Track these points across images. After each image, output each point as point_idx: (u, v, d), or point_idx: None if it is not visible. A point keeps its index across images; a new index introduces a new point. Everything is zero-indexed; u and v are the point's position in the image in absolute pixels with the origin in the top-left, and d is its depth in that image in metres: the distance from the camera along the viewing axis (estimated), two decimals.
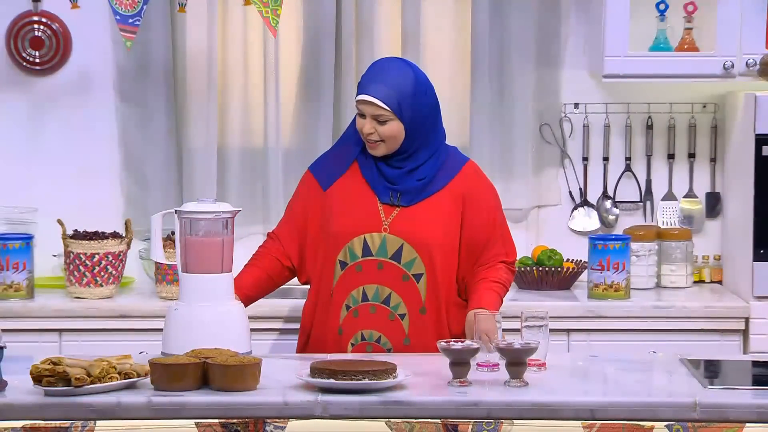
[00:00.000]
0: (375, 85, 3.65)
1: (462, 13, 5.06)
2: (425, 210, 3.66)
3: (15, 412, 3.06)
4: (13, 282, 4.64)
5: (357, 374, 3.11)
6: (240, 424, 3.06)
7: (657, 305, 4.63)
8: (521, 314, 3.44)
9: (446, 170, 3.73)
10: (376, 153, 3.67)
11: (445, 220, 3.68)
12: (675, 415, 3.09)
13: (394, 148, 3.67)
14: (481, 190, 3.76)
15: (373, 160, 3.70)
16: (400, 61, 3.81)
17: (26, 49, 4.98)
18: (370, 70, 3.74)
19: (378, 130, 3.64)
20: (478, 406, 3.09)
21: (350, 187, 3.69)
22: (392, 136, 3.65)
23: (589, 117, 5.10)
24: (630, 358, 3.76)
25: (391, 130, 3.64)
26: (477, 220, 3.69)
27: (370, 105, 3.64)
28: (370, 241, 3.64)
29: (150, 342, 4.42)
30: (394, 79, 3.68)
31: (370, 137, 3.64)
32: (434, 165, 3.71)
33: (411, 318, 3.65)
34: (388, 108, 3.63)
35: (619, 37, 4.77)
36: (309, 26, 5.02)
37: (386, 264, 3.64)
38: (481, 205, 3.73)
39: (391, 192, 3.67)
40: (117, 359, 3.19)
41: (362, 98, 3.64)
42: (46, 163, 5.01)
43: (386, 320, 3.64)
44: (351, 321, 3.62)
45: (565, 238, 5.06)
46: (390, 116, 3.63)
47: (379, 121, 3.64)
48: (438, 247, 3.65)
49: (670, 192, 5.11)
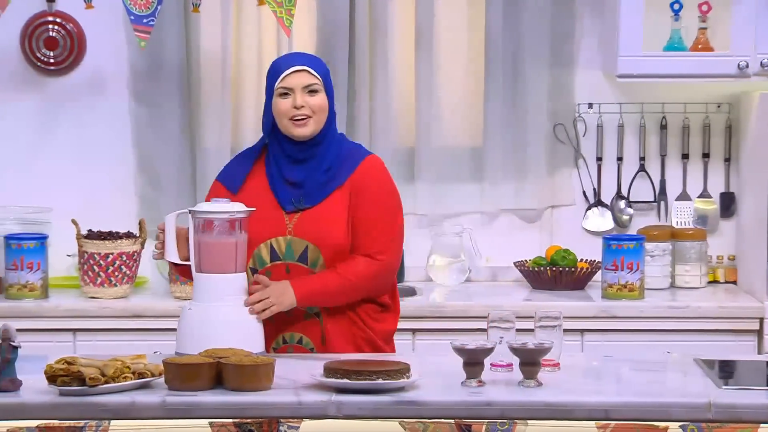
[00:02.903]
0: (299, 59, 3.69)
1: (476, 12, 5.05)
2: (326, 209, 3.66)
3: (30, 412, 3.07)
4: (28, 282, 4.65)
5: (371, 374, 3.11)
6: (254, 424, 3.07)
7: (671, 305, 4.63)
8: (535, 314, 3.44)
9: (347, 164, 3.69)
10: (304, 131, 3.64)
11: (344, 216, 3.66)
12: (689, 415, 3.08)
13: (321, 124, 3.66)
14: (369, 183, 3.69)
15: (276, 167, 3.68)
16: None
17: (41, 49, 5.00)
18: (286, 55, 3.80)
19: (308, 103, 3.63)
20: (491, 406, 3.09)
21: (256, 192, 3.66)
22: (322, 109, 3.65)
23: (603, 117, 5.09)
24: (644, 358, 3.76)
25: (321, 101, 3.65)
26: (359, 212, 3.65)
27: (301, 74, 3.63)
28: (276, 245, 3.65)
29: (164, 342, 4.43)
30: (313, 57, 3.77)
31: (301, 112, 3.63)
32: (338, 154, 3.69)
33: (324, 316, 3.65)
34: (319, 76, 3.65)
35: (633, 36, 4.76)
36: (323, 26, 5.02)
37: (293, 267, 3.65)
38: (365, 198, 3.67)
39: (293, 199, 3.65)
40: (131, 359, 3.20)
41: (294, 69, 3.63)
42: (60, 163, 5.02)
43: (303, 320, 3.64)
44: (269, 326, 3.60)
45: (579, 238, 5.05)
46: (320, 86, 3.65)
47: (309, 92, 3.64)
48: (339, 245, 3.64)
49: (685, 192, 5.10)
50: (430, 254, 5.03)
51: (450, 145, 5.09)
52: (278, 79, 3.64)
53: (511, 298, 4.77)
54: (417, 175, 5.07)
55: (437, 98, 5.05)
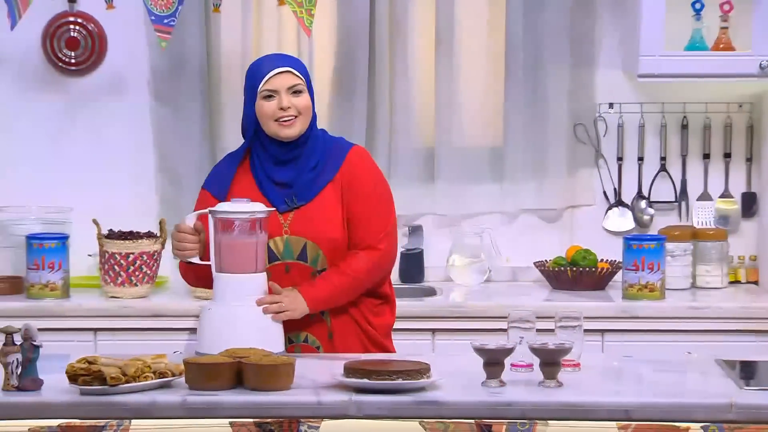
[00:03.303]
0: (281, 60, 3.70)
1: (496, 12, 5.05)
2: (320, 205, 3.66)
3: (51, 411, 3.08)
4: (49, 281, 4.66)
5: (391, 374, 3.11)
6: (274, 423, 3.07)
7: (692, 306, 4.61)
8: (555, 314, 3.43)
9: (334, 158, 3.70)
10: (291, 132, 3.64)
11: (338, 210, 3.67)
12: (711, 415, 3.07)
13: (307, 124, 3.67)
14: (359, 175, 3.70)
15: (262, 169, 3.68)
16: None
17: (62, 50, 5.01)
18: (265, 57, 3.79)
19: (294, 104, 3.64)
20: (512, 406, 3.09)
21: (244, 196, 3.65)
22: (307, 109, 3.66)
23: (623, 117, 5.08)
24: (665, 358, 3.75)
25: (306, 101, 3.66)
26: (354, 205, 3.67)
27: (285, 75, 3.64)
28: (273, 246, 3.65)
29: (184, 341, 4.45)
30: (292, 57, 3.79)
31: (287, 113, 3.64)
32: (323, 150, 3.70)
33: (331, 313, 3.66)
34: (302, 76, 3.67)
35: (654, 36, 4.75)
36: (343, 26, 5.03)
37: (293, 265, 3.65)
38: (358, 190, 3.69)
39: (285, 198, 3.66)
40: (152, 358, 3.20)
41: (278, 70, 3.64)
42: (81, 163, 5.04)
43: (307, 319, 3.65)
44: None
45: (600, 239, 5.04)
46: (303, 86, 3.66)
47: (294, 93, 3.64)
48: (337, 240, 3.65)
49: (706, 192, 5.09)
50: (450, 254, 5.03)
51: (470, 145, 5.09)
52: (261, 81, 3.65)
53: (532, 298, 4.76)
54: (437, 175, 5.07)
55: (457, 98, 5.05)
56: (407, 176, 5.06)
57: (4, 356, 3.12)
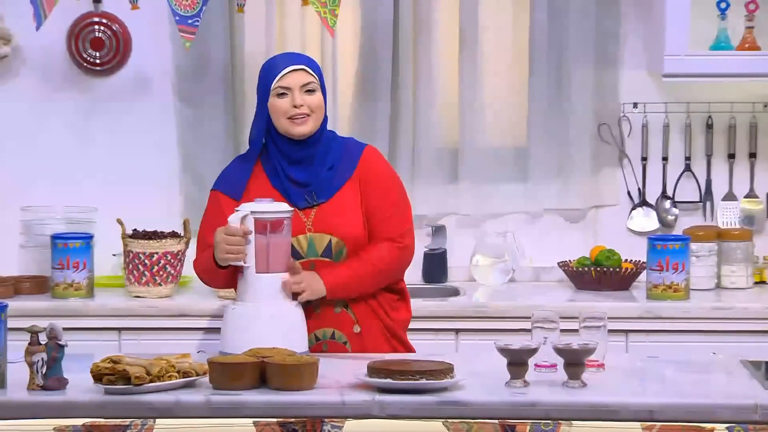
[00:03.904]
0: (296, 59, 3.72)
1: (520, 11, 5.04)
2: (341, 202, 3.68)
3: (76, 410, 3.09)
4: (74, 281, 4.68)
5: (414, 374, 3.11)
6: (298, 423, 3.07)
7: (717, 306, 4.59)
8: (579, 315, 3.43)
9: (349, 158, 3.73)
10: (303, 129, 3.66)
11: (358, 208, 3.69)
12: (735, 416, 3.06)
13: (319, 123, 3.68)
14: (376, 173, 3.74)
15: (278, 168, 3.69)
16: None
17: (87, 50, 5.03)
18: (278, 55, 3.82)
19: (307, 102, 3.65)
20: (535, 406, 3.08)
21: (261, 195, 3.66)
22: (320, 107, 3.68)
23: (648, 116, 5.06)
24: (689, 359, 3.73)
25: (319, 99, 3.67)
26: (373, 201, 3.70)
27: (299, 73, 3.66)
28: (296, 244, 3.66)
29: (208, 341, 4.45)
30: (306, 56, 3.80)
31: (300, 111, 3.64)
32: (337, 151, 3.71)
33: (354, 307, 3.67)
34: (316, 75, 3.68)
35: (679, 36, 4.73)
36: (366, 26, 5.03)
37: (319, 262, 3.66)
38: (376, 187, 3.72)
39: (305, 196, 3.67)
40: (176, 358, 3.21)
41: (292, 68, 3.66)
42: (105, 163, 5.05)
43: (333, 315, 3.66)
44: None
45: (624, 239, 5.03)
46: (317, 84, 3.68)
47: (307, 91, 3.66)
48: (359, 236, 3.67)
49: (731, 192, 5.07)
50: (473, 254, 5.02)
51: (493, 144, 5.08)
52: (275, 78, 3.66)
53: (555, 298, 4.75)
54: (460, 175, 5.06)
55: (481, 98, 5.04)
56: (431, 176, 5.05)
57: (29, 356, 3.14)
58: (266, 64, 3.75)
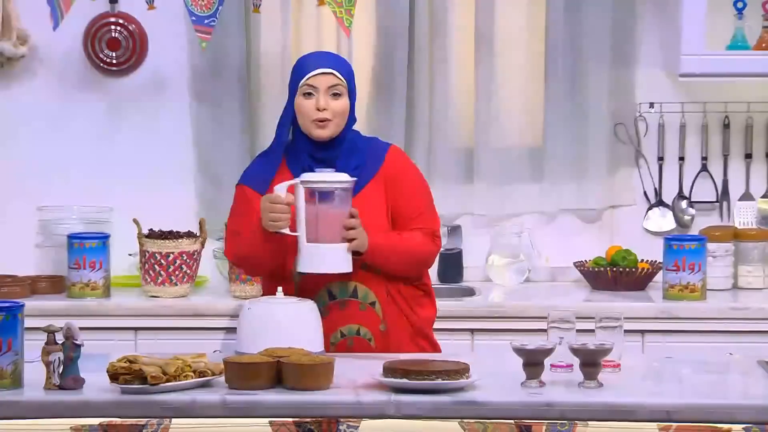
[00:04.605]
0: (326, 60, 3.72)
1: (536, 12, 5.04)
2: (366, 199, 3.68)
3: (92, 410, 3.10)
4: (90, 281, 4.69)
5: (430, 374, 3.11)
6: (313, 423, 3.07)
7: (733, 306, 4.58)
8: (595, 315, 3.42)
9: (373, 158, 3.74)
10: (323, 134, 3.67)
11: (384, 206, 3.71)
12: (753, 417, 3.05)
13: (340, 128, 3.69)
14: (403, 171, 3.76)
15: (303, 164, 3.69)
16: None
17: (103, 50, 5.04)
18: (312, 54, 3.83)
19: (331, 106, 3.66)
20: (551, 407, 3.08)
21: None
22: (343, 112, 3.68)
23: (664, 116, 5.05)
24: (706, 359, 3.73)
25: (343, 105, 3.68)
26: (401, 200, 3.71)
27: (326, 76, 3.66)
28: None
29: (224, 341, 4.46)
30: (339, 58, 3.82)
31: (323, 114, 3.65)
32: (362, 151, 3.73)
33: (382, 304, 3.67)
34: (344, 79, 3.68)
35: (696, 35, 4.72)
36: (382, 26, 5.03)
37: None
38: (404, 185, 3.74)
39: None
40: (192, 358, 3.21)
41: (320, 71, 3.66)
42: (121, 163, 5.06)
43: (358, 311, 3.66)
44: (324, 321, 3.62)
45: (640, 239, 5.02)
46: (344, 89, 3.68)
47: (333, 95, 3.66)
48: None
49: (748, 192, 5.05)
50: (489, 254, 5.02)
51: (509, 145, 5.08)
52: (303, 77, 3.67)
53: (571, 298, 4.74)
54: (476, 175, 5.06)
55: (497, 98, 5.04)
56: (446, 176, 5.05)
57: (46, 355, 3.15)
58: (299, 61, 3.78)
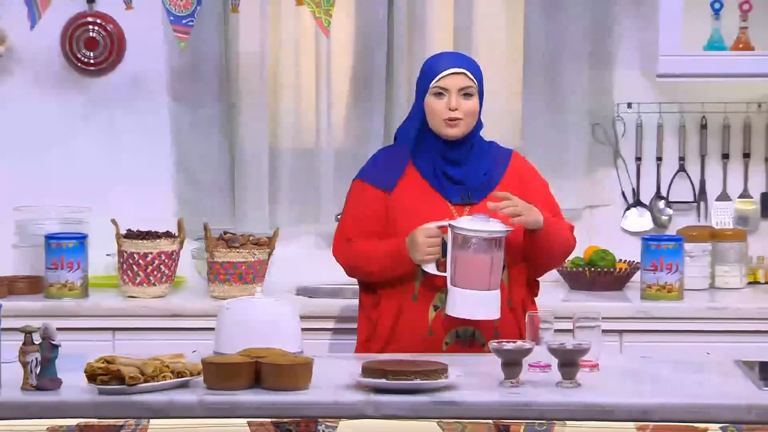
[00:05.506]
0: (459, 60, 3.75)
1: (514, 12, 5.04)
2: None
3: (69, 410, 3.09)
4: (68, 281, 4.67)
5: (408, 374, 3.11)
6: (292, 423, 3.07)
7: (711, 306, 4.60)
8: (573, 315, 3.43)
9: (500, 163, 3.79)
10: (454, 132, 3.70)
11: None
12: (729, 416, 3.06)
13: (470, 127, 3.72)
14: (529, 176, 3.82)
15: (432, 164, 3.72)
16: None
17: (81, 50, 5.03)
18: (442, 54, 3.86)
19: (462, 106, 3.68)
20: (529, 406, 3.08)
21: (416, 189, 3.72)
22: (473, 113, 3.71)
23: (642, 116, 5.07)
24: (683, 359, 3.73)
25: (474, 105, 3.71)
26: (533, 202, 3.72)
27: (458, 77, 3.69)
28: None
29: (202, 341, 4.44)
30: (470, 59, 3.83)
31: (454, 114, 3.67)
32: (490, 155, 3.77)
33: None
34: (476, 80, 3.72)
35: (673, 36, 4.74)
36: (361, 27, 5.03)
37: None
38: (535, 188, 3.79)
39: (461, 192, 3.71)
40: (170, 358, 3.21)
41: (453, 71, 3.70)
42: (99, 163, 5.05)
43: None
44: (441, 321, 3.63)
45: (618, 239, 5.03)
46: (475, 89, 3.72)
47: (464, 95, 3.69)
48: (516, 239, 3.68)
49: (725, 192, 5.07)
50: None
51: None
52: (435, 78, 3.69)
53: (549, 298, 4.73)
54: None
55: None
56: None
57: (23, 355, 3.13)
58: (429, 61, 3.80)
